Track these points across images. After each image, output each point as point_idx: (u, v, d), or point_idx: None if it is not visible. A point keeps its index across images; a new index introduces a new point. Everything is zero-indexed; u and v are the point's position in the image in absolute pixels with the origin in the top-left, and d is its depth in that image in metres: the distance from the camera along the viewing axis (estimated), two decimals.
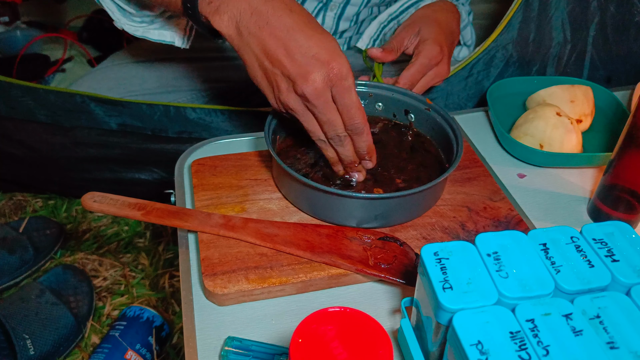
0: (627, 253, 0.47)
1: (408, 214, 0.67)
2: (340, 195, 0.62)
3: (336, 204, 0.64)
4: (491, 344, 0.39)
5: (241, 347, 0.55)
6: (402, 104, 0.79)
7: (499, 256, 0.47)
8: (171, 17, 0.81)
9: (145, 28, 0.80)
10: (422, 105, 0.77)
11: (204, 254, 0.62)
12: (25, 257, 1.17)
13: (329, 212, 0.66)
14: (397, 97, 0.79)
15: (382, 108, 0.80)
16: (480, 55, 0.98)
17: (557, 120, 0.78)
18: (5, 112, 1.13)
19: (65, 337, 1.04)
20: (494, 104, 0.87)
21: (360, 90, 0.79)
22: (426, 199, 0.67)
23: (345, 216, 0.65)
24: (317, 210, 0.67)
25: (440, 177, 0.64)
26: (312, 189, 0.63)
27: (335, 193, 0.62)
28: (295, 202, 0.69)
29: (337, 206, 0.65)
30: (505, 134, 0.79)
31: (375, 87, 0.79)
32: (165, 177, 1.19)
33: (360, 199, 0.63)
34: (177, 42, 0.81)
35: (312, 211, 0.68)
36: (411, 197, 0.64)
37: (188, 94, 1.17)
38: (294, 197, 0.69)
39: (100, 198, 0.65)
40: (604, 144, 0.85)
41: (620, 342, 0.40)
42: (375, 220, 0.65)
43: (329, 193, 0.62)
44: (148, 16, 0.79)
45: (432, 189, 0.64)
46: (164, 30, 0.80)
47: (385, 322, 0.59)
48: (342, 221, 0.66)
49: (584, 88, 0.85)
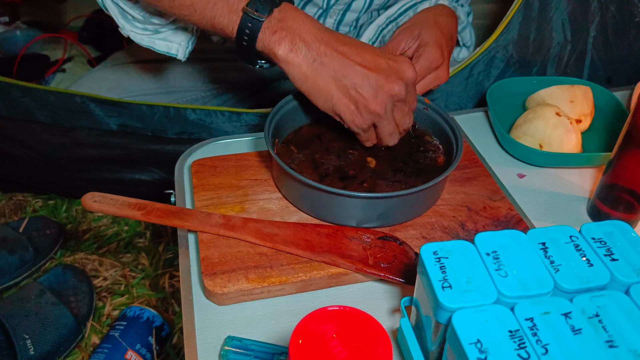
0: (626, 252, 0.47)
1: (408, 213, 0.67)
2: (340, 194, 0.62)
3: (336, 203, 0.64)
4: (490, 343, 0.40)
5: (241, 347, 0.55)
6: None
7: (498, 255, 0.47)
8: (177, 28, 0.81)
9: (150, 37, 0.81)
10: (421, 105, 0.77)
11: (203, 254, 0.62)
12: (25, 257, 1.17)
13: (328, 212, 0.66)
14: None
15: None
16: (480, 56, 0.98)
17: (557, 120, 0.78)
18: (5, 112, 1.13)
19: (65, 337, 1.04)
20: (494, 104, 0.87)
21: None
22: (426, 198, 0.68)
23: (344, 215, 0.65)
24: (316, 209, 0.67)
25: (441, 175, 0.64)
26: (312, 189, 0.63)
27: (335, 192, 0.62)
28: (295, 201, 0.69)
29: (337, 205, 0.65)
30: (505, 134, 0.80)
31: None
32: (165, 177, 1.19)
33: (360, 198, 0.63)
34: (179, 55, 0.82)
35: (312, 211, 0.68)
36: (411, 197, 0.64)
37: (188, 95, 1.18)
38: (293, 196, 0.69)
39: (100, 198, 0.66)
40: (603, 144, 0.85)
41: (619, 341, 0.40)
42: (376, 220, 0.65)
43: (328, 192, 0.62)
44: (153, 24, 0.79)
45: (432, 188, 0.64)
46: (169, 43, 0.81)
47: (385, 321, 0.59)
48: (341, 221, 0.66)
49: (583, 88, 0.85)
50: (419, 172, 0.72)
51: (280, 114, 0.74)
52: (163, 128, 1.11)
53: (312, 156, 0.74)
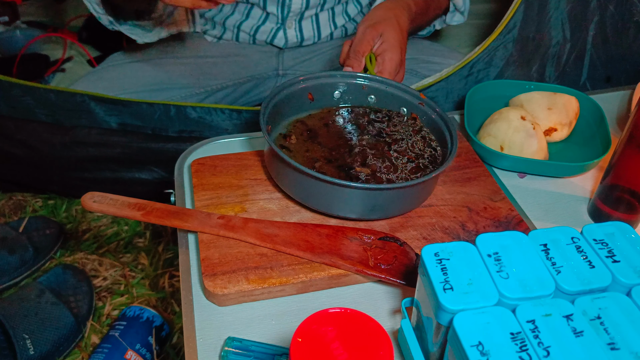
0: (628, 253, 0.47)
1: (406, 205, 0.66)
2: (337, 184, 0.60)
3: (331, 193, 0.63)
4: (492, 345, 0.39)
5: (241, 348, 0.55)
6: (395, 98, 0.79)
7: (499, 257, 0.47)
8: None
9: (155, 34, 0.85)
10: (416, 100, 0.77)
11: (204, 254, 0.62)
12: (25, 257, 1.17)
13: (323, 202, 0.65)
14: (391, 91, 0.79)
15: (374, 100, 0.80)
16: (480, 55, 0.98)
17: (520, 123, 0.78)
18: (5, 111, 1.13)
19: (65, 337, 1.04)
20: (472, 105, 0.86)
21: (353, 82, 0.79)
22: (423, 191, 0.67)
23: (341, 207, 0.64)
24: (311, 199, 0.66)
25: (439, 168, 0.64)
26: (305, 175, 0.62)
27: (330, 181, 0.60)
28: (289, 190, 0.68)
29: (333, 196, 0.63)
30: (471, 134, 0.79)
31: (368, 80, 0.79)
32: (165, 176, 1.19)
33: (356, 189, 0.62)
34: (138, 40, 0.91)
35: (305, 200, 0.66)
36: (406, 190, 0.63)
37: (183, 92, 1.18)
38: (287, 185, 0.67)
39: (100, 198, 0.65)
40: (578, 156, 0.82)
41: (621, 343, 0.40)
42: (372, 212, 0.65)
43: (324, 181, 0.61)
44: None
45: (428, 181, 0.64)
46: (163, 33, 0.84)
47: (386, 322, 0.59)
48: (337, 211, 0.65)
49: (566, 97, 0.84)
50: (417, 166, 0.71)
51: (278, 98, 0.73)
52: (163, 126, 1.11)
53: (307, 146, 0.73)
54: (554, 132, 0.82)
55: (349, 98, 0.81)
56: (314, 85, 0.78)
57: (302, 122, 0.77)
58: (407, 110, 0.79)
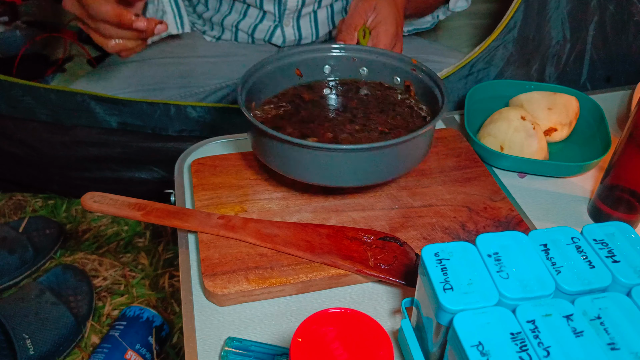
0: (628, 254, 0.47)
1: (386, 171, 0.64)
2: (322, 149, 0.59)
3: (317, 159, 0.61)
4: (492, 345, 0.39)
5: (241, 348, 0.55)
6: (386, 67, 0.77)
7: (499, 257, 0.47)
8: None
9: None
10: (408, 67, 0.75)
11: (204, 254, 0.62)
12: (25, 257, 1.17)
13: (302, 170, 0.63)
14: (381, 60, 0.77)
15: (366, 73, 0.79)
16: (480, 54, 0.98)
17: (520, 123, 0.78)
18: (5, 111, 1.13)
19: (65, 337, 1.04)
20: (472, 105, 0.86)
21: (342, 55, 0.78)
22: (404, 154, 0.64)
23: (327, 174, 0.62)
24: (292, 168, 0.63)
25: (426, 126, 0.62)
26: (285, 143, 0.60)
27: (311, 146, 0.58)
28: (269, 161, 0.66)
29: (318, 162, 0.61)
30: (471, 134, 0.79)
31: (357, 51, 0.78)
32: (165, 176, 1.19)
33: (338, 151, 0.60)
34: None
35: (286, 169, 0.64)
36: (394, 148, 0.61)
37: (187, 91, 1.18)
38: (265, 154, 0.65)
39: (100, 198, 0.65)
40: (578, 156, 0.82)
41: (621, 343, 0.40)
42: (354, 177, 0.62)
43: (305, 147, 0.59)
44: None
45: (416, 140, 0.62)
46: None
47: (386, 322, 0.59)
48: (323, 180, 0.63)
49: (566, 97, 0.84)
50: (400, 130, 0.70)
51: (256, 76, 0.72)
52: (164, 126, 1.11)
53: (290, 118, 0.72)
54: (554, 132, 0.82)
55: (340, 72, 0.79)
56: (302, 60, 0.76)
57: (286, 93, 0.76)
58: (401, 79, 0.77)
